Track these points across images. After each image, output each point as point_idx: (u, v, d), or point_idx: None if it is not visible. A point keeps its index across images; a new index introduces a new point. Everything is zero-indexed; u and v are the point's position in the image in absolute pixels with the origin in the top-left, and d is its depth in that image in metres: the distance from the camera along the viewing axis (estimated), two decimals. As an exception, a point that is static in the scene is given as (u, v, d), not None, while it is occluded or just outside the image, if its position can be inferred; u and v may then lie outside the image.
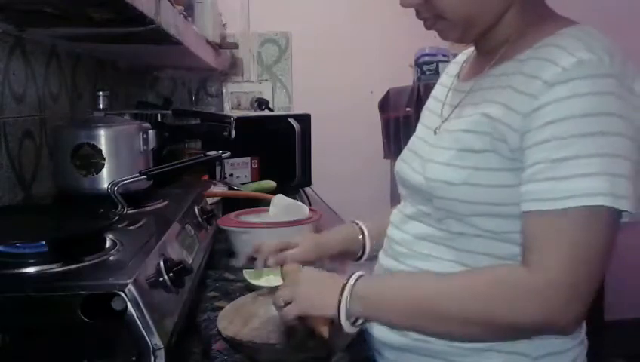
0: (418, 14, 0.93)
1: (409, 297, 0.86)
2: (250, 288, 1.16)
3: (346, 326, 0.86)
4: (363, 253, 1.14)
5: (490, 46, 0.95)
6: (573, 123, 0.79)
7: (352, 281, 0.87)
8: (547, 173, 0.79)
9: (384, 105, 2.74)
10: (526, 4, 0.92)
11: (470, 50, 1.07)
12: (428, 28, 0.95)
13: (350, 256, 1.16)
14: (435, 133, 0.98)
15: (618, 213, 0.79)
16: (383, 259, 1.03)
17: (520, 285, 0.80)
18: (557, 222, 0.79)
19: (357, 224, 1.16)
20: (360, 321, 0.87)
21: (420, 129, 1.06)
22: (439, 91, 1.07)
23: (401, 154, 1.07)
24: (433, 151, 0.95)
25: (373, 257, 1.16)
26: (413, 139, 1.06)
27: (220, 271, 1.32)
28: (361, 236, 1.14)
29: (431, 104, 1.07)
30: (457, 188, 0.88)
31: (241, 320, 0.98)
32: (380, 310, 0.87)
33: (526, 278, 0.80)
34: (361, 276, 0.88)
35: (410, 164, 1.01)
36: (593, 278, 0.79)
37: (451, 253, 0.91)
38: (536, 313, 0.79)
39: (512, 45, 0.92)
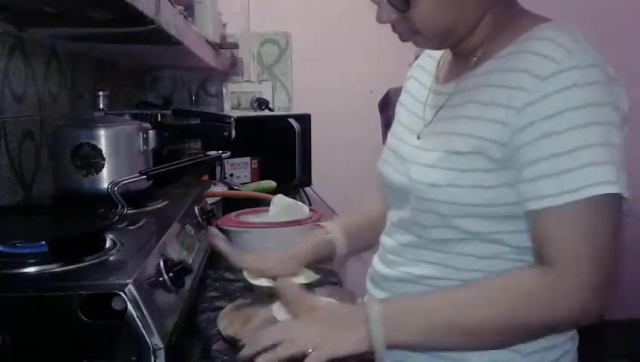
0: (394, 28, 0.93)
1: (441, 319, 0.83)
2: (251, 288, 1.16)
3: (382, 353, 0.83)
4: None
5: (467, 49, 0.95)
6: (569, 115, 0.80)
7: (375, 311, 0.83)
8: (553, 168, 0.80)
9: (384, 105, 2.74)
10: (500, 7, 0.92)
11: None
12: (403, 41, 0.95)
13: (325, 259, 1.15)
14: (419, 135, 0.97)
15: (621, 199, 0.80)
16: (377, 265, 1.02)
17: (553, 285, 0.80)
18: (572, 215, 0.80)
19: (321, 226, 1.16)
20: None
21: (399, 129, 1.05)
22: (418, 90, 1.06)
23: (383, 155, 1.06)
24: (417, 153, 0.95)
25: (357, 251, 1.15)
26: (393, 140, 1.05)
27: (220, 271, 1.32)
28: (329, 237, 1.14)
29: (409, 103, 1.06)
30: (441, 190, 0.88)
31: (241, 319, 0.97)
32: (412, 335, 0.84)
33: (556, 277, 0.80)
34: (379, 304, 0.85)
35: (392, 166, 1.00)
36: (614, 262, 0.81)
37: (439, 256, 0.91)
38: (573, 308, 0.80)
39: (489, 45, 0.92)
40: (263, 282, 1.16)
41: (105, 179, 1.20)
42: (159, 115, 1.95)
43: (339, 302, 1.06)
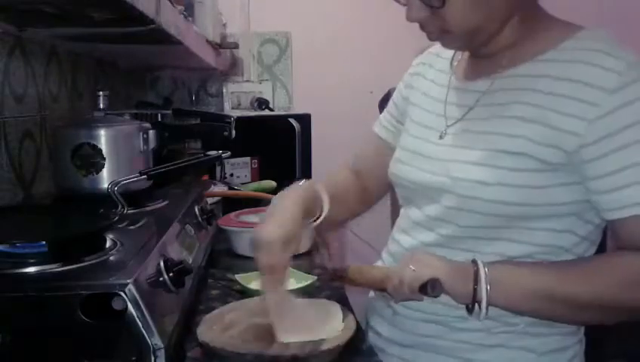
0: (422, 27, 0.93)
1: (544, 286, 0.87)
2: (246, 292, 1.15)
3: (483, 313, 0.86)
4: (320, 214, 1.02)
5: (491, 50, 0.95)
6: None
7: (485, 269, 0.86)
8: (637, 177, 0.83)
9: (384, 104, 2.74)
10: (527, 10, 0.93)
11: None
12: (431, 40, 0.95)
13: (310, 217, 1.03)
14: (444, 133, 0.97)
15: None
16: (394, 264, 1.01)
17: None
18: None
19: (308, 181, 1.05)
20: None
21: (415, 128, 1.04)
22: (432, 89, 1.05)
23: (397, 156, 1.05)
24: (454, 151, 0.94)
25: (329, 221, 1.04)
26: (409, 139, 1.04)
27: (220, 271, 1.32)
28: (317, 194, 1.02)
29: (425, 102, 1.05)
30: (489, 188, 0.88)
31: (222, 326, 0.95)
32: (516, 299, 0.87)
33: None
34: (489, 264, 0.87)
35: (414, 165, 0.99)
36: None
37: (465, 255, 0.92)
38: None
39: (522, 46, 0.92)
40: (256, 286, 1.15)
41: (105, 179, 1.20)
42: (159, 115, 1.95)
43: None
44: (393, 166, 1.05)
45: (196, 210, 1.29)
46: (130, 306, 0.74)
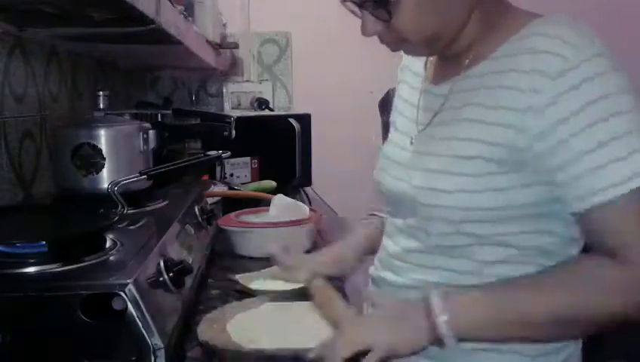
0: (381, 40, 0.91)
1: (509, 309, 0.82)
2: (246, 292, 1.15)
3: (451, 343, 0.81)
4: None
5: (457, 50, 0.92)
6: (593, 108, 0.78)
7: (437, 302, 0.81)
8: (594, 163, 0.78)
9: (384, 105, 2.74)
10: (487, 6, 0.90)
11: None
12: (393, 50, 0.93)
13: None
14: (413, 140, 0.95)
15: None
16: (381, 270, 1.00)
17: (625, 277, 0.79)
18: (627, 207, 0.78)
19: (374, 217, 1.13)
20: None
21: (394, 135, 1.03)
22: (410, 94, 1.03)
23: (379, 163, 1.04)
24: (417, 158, 0.93)
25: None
26: (389, 147, 1.03)
27: (220, 271, 1.32)
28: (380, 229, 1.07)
29: (403, 108, 1.04)
30: (451, 196, 0.86)
31: (221, 325, 0.95)
32: (476, 328, 0.83)
33: (628, 268, 0.79)
34: (440, 296, 0.82)
35: (391, 173, 0.98)
36: None
37: (446, 261, 0.90)
38: (623, 306, 0.80)
39: (481, 44, 0.90)
40: (256, 286, 1.15)
41: (105, 179, 1.20)
42: (159, 115, 1.95)
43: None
44: (374, 173, 1.04)
45: (196, 210, 1.29)
46: (130, 306, 0.74)
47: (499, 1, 0.92)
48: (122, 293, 0.74)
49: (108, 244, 0.90)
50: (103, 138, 1.21)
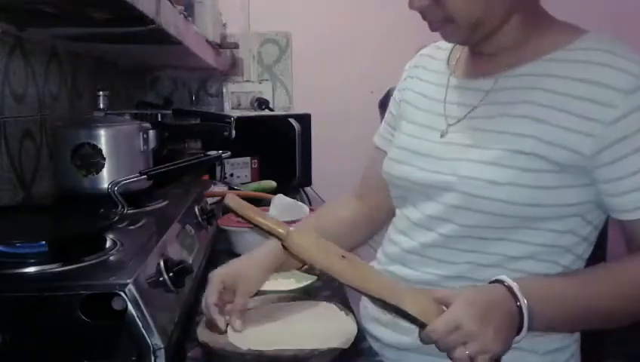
0: (424, 16, 0.92)
1: (577, 306, 0.87)
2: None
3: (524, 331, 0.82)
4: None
5: (494, 48, 0.95)
6: None
7: (517, 287, 0.82)
8: None
9: (384, 104, 2.74)
10: (528, 10, 0.93)
11: (442, 44, 1.06)
12: (433, 30, 0.94)
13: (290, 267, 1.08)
14: (444, 133, 0.97)
15: None
16: (392, 265, 1.00)
17: None
18: None
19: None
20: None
21: (413, 128, 1.03)
22: (429, 89, 1.04)
23: (392, 155, 1.04)
24: (457, 149, 0.93)
25: None
26: (408, 139, 1.03)
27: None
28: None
29: (420, 102, 1.05)
30: (500, 188, 0.87)
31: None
32: (555, 322, 0.87)
33: None
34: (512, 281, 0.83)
35: (415, 164, 0.98)
36: None
37: (466, 256, 0.92)
38: None
39: (527, 47, 0.92)
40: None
41: (105, 179, 1.20)
42: (159, 115, 1.95)
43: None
44: (388, 165, 1.04)
45: (196, 210, 1.29)
46: (130, 306, 0.74)
47: (540, 9, 0.95)
48: (122, 293, 0.74)
49: (108, 244, 0.90)
50: (103, 138, 1.21)
